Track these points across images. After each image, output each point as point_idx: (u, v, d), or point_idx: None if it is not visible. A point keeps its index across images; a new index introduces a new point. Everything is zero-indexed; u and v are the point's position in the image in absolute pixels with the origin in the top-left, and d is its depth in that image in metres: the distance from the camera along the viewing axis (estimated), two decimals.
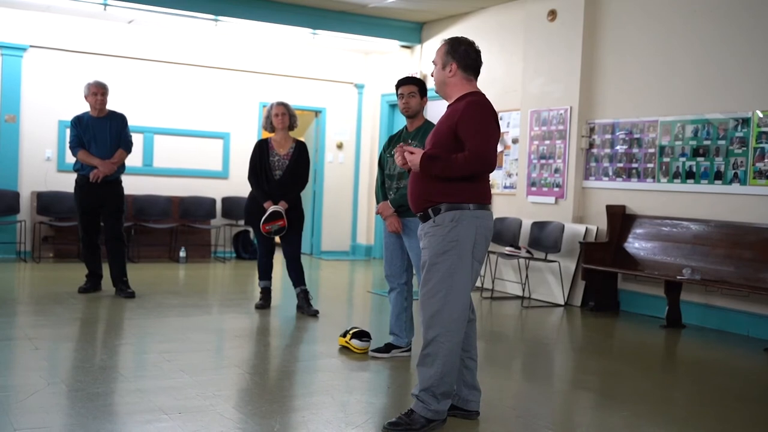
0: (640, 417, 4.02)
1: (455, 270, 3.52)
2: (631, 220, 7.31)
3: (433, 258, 3.54)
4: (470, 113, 3.55)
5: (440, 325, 3.50)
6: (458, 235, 3.52)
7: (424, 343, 3.56)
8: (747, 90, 6.46)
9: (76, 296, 6.74)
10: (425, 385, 3.52)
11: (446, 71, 3.66)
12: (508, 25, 8.87)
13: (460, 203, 3.55)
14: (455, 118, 3.55)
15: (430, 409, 3.52)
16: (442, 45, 3.71)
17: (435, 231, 3.56)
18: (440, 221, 3.55)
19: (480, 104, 3.60)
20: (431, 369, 3.51)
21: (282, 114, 6.36)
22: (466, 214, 3.54)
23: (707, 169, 6.74)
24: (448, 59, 3.65)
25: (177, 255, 9.77)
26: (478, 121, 3.55)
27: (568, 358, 5.66)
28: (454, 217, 3.53)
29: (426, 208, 3.60)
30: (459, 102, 3.63)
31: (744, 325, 6.38)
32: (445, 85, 3.68)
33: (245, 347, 5.32)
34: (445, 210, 3.55)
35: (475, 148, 3.49)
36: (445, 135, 3.58)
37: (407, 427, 3.51)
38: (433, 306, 3.52)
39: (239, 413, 3.70)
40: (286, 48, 10.71)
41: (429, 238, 3.58)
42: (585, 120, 7.82)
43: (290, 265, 6.45)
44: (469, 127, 3.52)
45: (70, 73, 9.32)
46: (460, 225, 3.53)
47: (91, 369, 4.39)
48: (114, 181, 6.79)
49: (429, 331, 3.53)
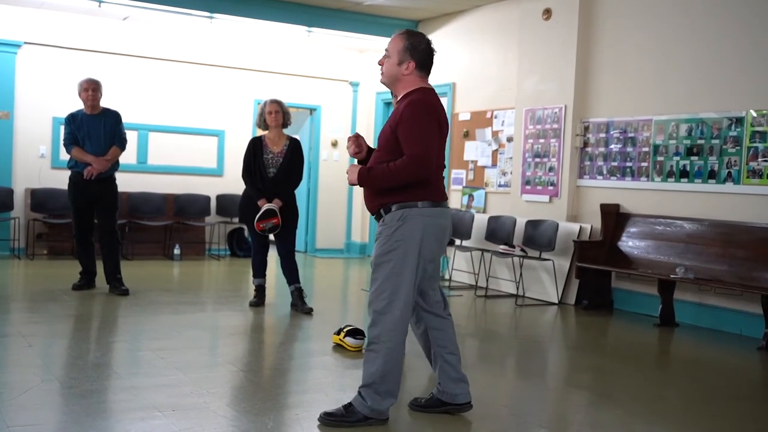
0: (633, 415, 4.04)
1: (400, 270, 3.49)
2: (625, 219, 7.32)
3: (379, 258, 3.53)
4: (407, 115, 3.47)
5: (384, 324, 3.50)
6: (403, 234, 3.49)
7: (368, 341, 3.58)
8: (741, 89, 6.48)
9: (69, 293, 6.73)
10: (367, 381, 3.52)
11: (402, 67, 3.57)
12: (503, 24, 8.88)
13: (407, 202, 3.50)
14: (395, 120, 3.50)
15: (367, 405, 3.51)
16: (400, 39, 3.59)
17: (383, 230, 3.55)
18: (388, 221, 3.53)
19: (418, 103, 3.49)
20: (373, 366, 3.51)
21: (275, 112, 6.35)
22: (413, 212, 3.50)
23: (701, 168, 6.76)
24: (406, 56, 3.56)
25: (171, 252, 9.76)
26: (415, 124, 3.45)
27: (561, 356, 5.67)
28: (401, 216, 3.50)
29: (378, 208, 3.59)
30: (402, 101, 3.57)
31: (737, 324, 6.40)
32: (396, 80, 3.60)
33: (239, 345, 5.32)
34: (394, 209, 3.52)
35: (412, 152, 3.42)
36: (388, 137, 3.53)
37: (342, 419, 3.51)
38: (377, 305, 3.51)
39: (233, 410, 3.70)
40: (281, 45, 10.70)
41: (378, 238, 3.57)
42: (579, 118, 7.83)
43: (284, 262, 6.45)
44: (406, 130, 3.45)
45: (65, 70, 9.30)
46: (406, 224, 3.49)
47: (85, 366, 4.38)
48: (108, 178, 6.78)
49: (373, 329, 3.53)
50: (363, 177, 3.52)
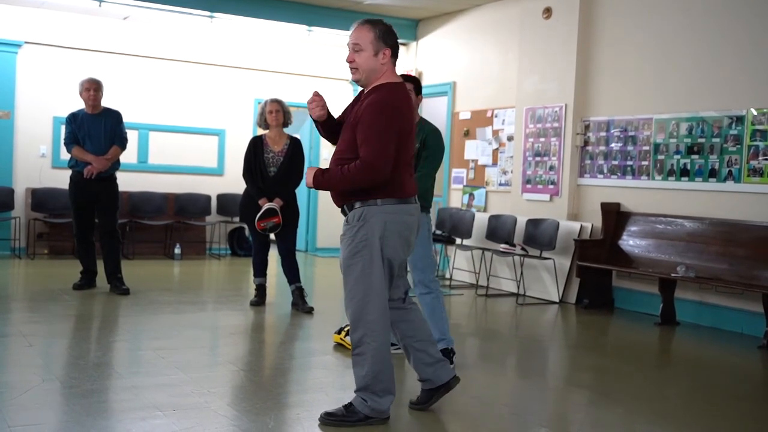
0: (634, 414, 4.04)
1: (369, 271, 3.43)
2: (625, 218, 7.32)
3: (347, 260, 3.47)
4: (366, 117, 3.33)
5: (364, 327, 3.47)
6: (366, 233, 3.41)
7: (353, 345, 3.54)
8: (741, 88, 6.48)
9: (70, 293, 6.73)
10: (361, 384, 3.51)
11: (378, 58, 3.41)
12: (504, 23, 8.88)
13: (368, 199, 3.41)
14: (358, 116, 3.38)
15: (367, 404, 3.50)
16: (367, 29, 3.41)
17: (346, 231, 3.49)
18: (350, 220, 3.47)
19: (380, 105, 3.35)
20: (363, 369, 3.50)
21: (276, 111, 6.35)
22: (373, 210, 3.40)
23: (702, 166, 6.76)
24: (380, 45, 3.41)
25: (172, 252, 9.76)
26: (372, 129, 3.31)
27: (562, 355, 5.67)
28: (361, 215, 3.42)
29: (342, 204, 3.52)
30: (366, 97, 3.42)
31: (738, 323, 6.40)
32: (375, 72, 3.42)
33: (240, 344, 5.32)
34: (356, 207, 3.45)
35: (365, 159, 3.31)
36: (349, 133, 3.42)
37: (343, 419, 3.50)
38: (353, 308, 3.48)
39: (234, 410, 3.70)
40: (282, 45, 10.70)
41: (342, 239, 3.50)
42: (580, 117, 7.83)
43: (285, 261, 6.45)
44: (362, 132, 3.33)
45: (65, 70, 9.30)
46: (367, 223, 3.41)
47: (86, 366, 4.38)
48: (108, 178, 6.78)
49: (355, 333, 3.51)
50: (318, 180, 3.42)
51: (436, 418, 3.74)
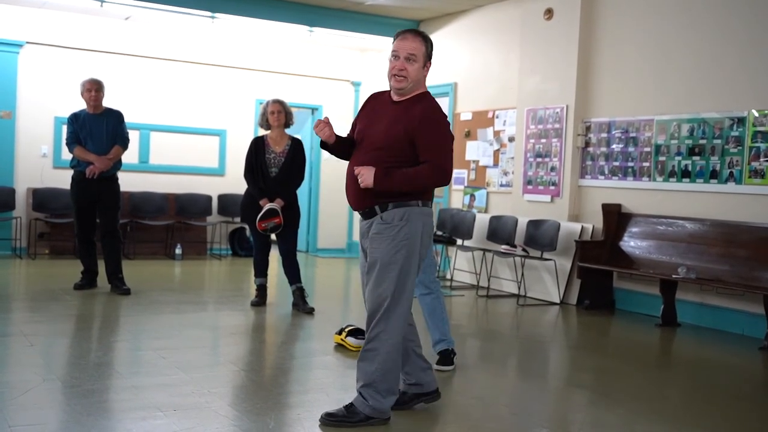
0: (634, 414, 4.03)
1: (407, 269, 3.52)
2: (626, 219, 7.32)
3: (387, 258, 3.50)
4: (431, 124, 3.49)
5: (385, 323, 3.50)
6: (408, 234, 3.50)
7: (367, 339, 3.56)
8: (743, 89, 6.47)
9: (71, 293, 6.73)
10: (367, 380, 3.53)
11: (424, 70, 3.59)
12: (505, 23, 8.88)
13: (407, 201, 3.52)
14: (413, 125, 3.46)
15: (369, 404, 3.52)
16: (421, 42, 3.55)
17: (384, 230, 3.52)
18: (389, 219, 3.52)
19: (439, 114, 3.55)
20: (372, 365, 3.52)
21: (278, 112, 6.36)
22: (415, 211, 3.52)
23: (703, 168, 6.75)
24: (427, 59, 3.59)
25: (173, 252, 9.76)
26: (440, 133, 3.51)
27: (563, 356, 5.67)
28: (403, 216, 3.50)
29: (372, 204, 3.56)
30: (415, 104, 3.54)
31: (739, 324, 6.40)
32: (419, 82, 3.58)
33: (241, 344, 5.32)
34: (392, 207, 3.51)
35: (441, 164, 3.47)
36: (400, 139, 3.49)
37: (344, 419, 3.51)
38: (381, 304, 3.51)
39: (234, 410, 3.70)
40: (283, 45, 10.70)
41: (377, 238, 3.54)
42: (581, 118, 7.83)
43: (286, 262, 6.45)
44: (431, 139, 3.46)
45: (67, 70, 9.31)
46: (409, 224, 3.50)
47: (87, 366, 4.39)
48: (110, 178, 6.79)
49: (373, 329, 3.53)
50: (379, 179, 3.46)
51: (437, 419, 3.74)
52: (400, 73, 3.51)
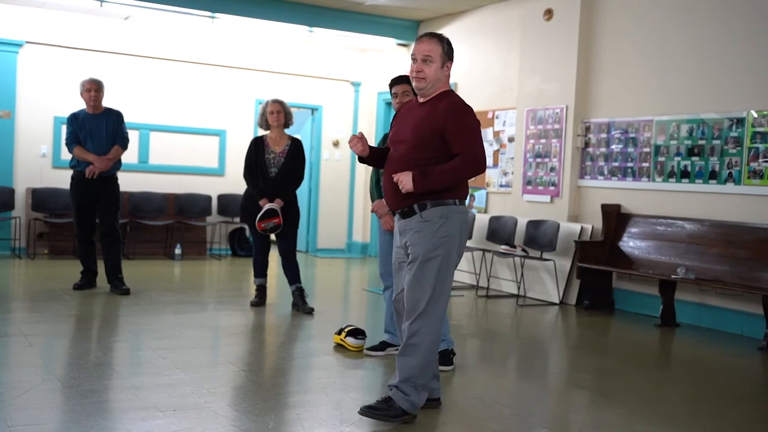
0: (634, 415, 4.04)
1: (447, 267, 3.59)
2: (626, 219, 7.32)
3: (426, 254, 3.56)
4: (459, 116, 3.58)
5: (425, 318, 3.57)
6: (447, 231, 3.57)
7: (408, 335, 3.60)
8: (742, 90, 6.48)
9: (70, 293, 6.73)
10: (406, 375, 3.57)
11: (444, 70, 3.68)
12: (505, 24, 8.88)
13: (445, 200, 3.59)
14: (439, 120, 3.55)
15: (408, 399, 3.56)
16: (437, 43, 3.68)
17: (423, 227, 3.58)
18: (429, 217, 3.58)
19: (464, 105, 3.65)
20: (413, 359, 3.57)
21: (277, 112, 6.36)
22: (453, 210, 3.60)
23: (702, 168, 6.76)
24: (445, 59, 3.69)
25: (172, 252, 9.76)
26: (467, 123, 3.59)
27: (563, 356, 5.67)
28: (442, 214, 3.57)
29: (410, 204, 3.61)
30: (438, 101, 3.64)
31: (738, 324, 6.40)
32: (438, 82, 3.67)
33: (240, 344, 5.32)
34: (431, 206, 3.58)
35: (473, 152, 3.55)
36: (429, 136, 3.57)
37: (385, 413, 3.56)
38: (421, 300, 3.56)
39: (234, 410, 3.71)
40: (283, 45, 10.70)
41: (417, 235, 3.59)
42: (581, 119, 7.83)
43: (286, 262, 6.45)
44: (460, 130, 3.55)
45: (66, 70, 9.31)
46: (448, 222, 3.58)
47: (86, 366, 4.39)
48: (110, 178, 6.79)
49: (414, 324, 3.58)
50: (419, 182, 3.50)
51: (436, 419, 3.74)
52: (418, 75, 3.63)
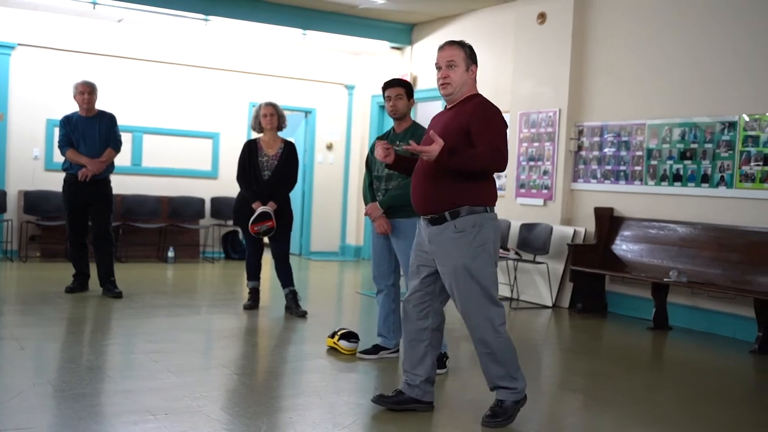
0: (627, 418, 4.05)
1: (488, 273, 3.64)
2: (618, 223, 7.34)
3: (467, 266, 3.59)
4: (483, 113, 3.64)
5: (489, 324, 3.64)
6: (483, 239, 3.61)
7: (480, 347, 3.68)
8: (734, 94, 6.50)
9: (62, 296, 6.71)
10: (501, 373, 3.69)
11: (469, 73, 3.73)
12: (499, 28, 8.89)
13: (478, 206, 3.62)
14: (465, 118, 3.61)
15: (514, 391, 3.70)
16: (459, 48, 3.72)
17: (459, 237, 3.60)
18: (462, 227, 3.60)
19: (490, 104, 3.70)
20: (495, 365, 3.68)
21: (270, 114, 6.35)
22: (485, 217, 3.65)
23: (694, 172, 6.78)
24: (470, 62, 3.73)
25: (165, 255, 9.74)
26: (492, 120, 3.64)
27: (556, 359, 5.67)
28: (476, 222, 3.61)
29: (441, 210, 3.63)
30: (466, 103, 3.70)
31: (730, 327, 6.42)
32: (465, 85, 3.72)
33: (233, 348, 5.31)
34: (465, 213, 3.60)
35: (494, 142, 3.57)
36: (456, 134, 3.60)
37: (505, 417, 3.69)
38: (475, 311, 3.63)
39: (227, 414, 3.70)
40: (276, 48, 10.70)
41: (452, 244, 3.61)
42: (574, 122, 7.85)
43: (279, 265, 6.45)
44: (485, 127, 3.60)
45: (59, 72, 9.28)
46: (483, 229, 3.62)
47: (78, 369, 4.37)
48: (102, 181, 6.77)
49: (484, 334, 3.65)
50: (443, 157, 3.48)
51: (429, 422, 3.74)
52: (444, 81, 3.70)
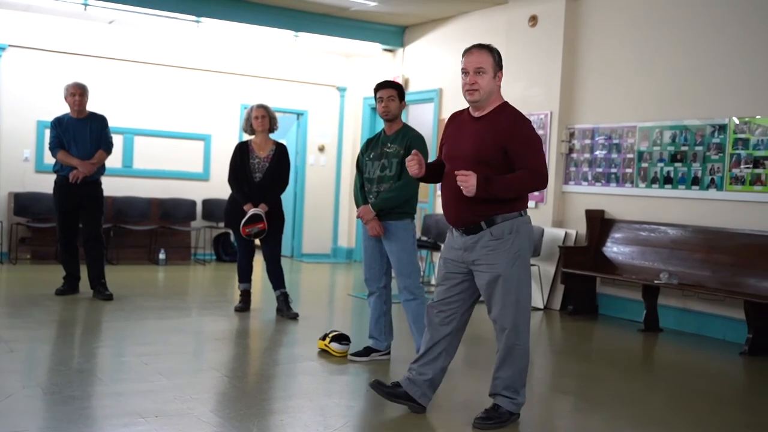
0: (618, 419, 4.06)
1: (525, 279, 3.67)
2: (609, 225, 7.36)
3: (505, 273, 3.60)
4: (523, 131, 3.59)
5: (515, 332, 3.68)
6: (520, 245, 3.64)
7: (503, 349, 3.71)
8: (724, 97, 6.53)
9: (53, 298, 6.68)
10: (507, 384, 3.74)
11: (496, 80, 3.66)
12: (490, 30, 8.89)
13: (511, 212, 3.62)
14: (502, 134, 3.56)
15: (514, 402, 3.75)
16: (487, 53, 3.65)
17: (497, 245, 3.61)
18: (498, 234, 3.61)
19: (525, 119, 3.66)
20: (509, 370, 3.72)
21: (262, 116, 6.35)
22: (520, 222, 3.67)
23: (684, 174, 6.81)
24: (497, 69, 3.66)
25: (156, 257, 9.71)
26: (531, 139, 3.61)
27: (547, 361, 5.68)
28: (512, 228, 3.62)
29: (477, 220, 3.62)
30: (498, 115, 3.63)
31: (720, 329, 6.45)
32: (492, 92, 3.66)
33: (224, 350, 5.30)
34: (500, 221, 3.61)
35: (537, 167, 3.57)
36: (492, 151, 3.57)
37: (498, 421, 3.71)
38: (509, 317, 3.65)
39: (217, 417, 3.69)
40: (268, 50, 10.69)
41: (491, 254, 3.61)
42: (565, 125, 7.87)
43: (270, 267, 6.44)
44: (525, 146, 3.57)
45: (50, 74, 9.25)
46: (519, 235, 3.63)
47: (68, 372, 4.35)
48: (93, 182, 6.75)
49: (506, 340, 3.68)
50: (482, 187, 3.47)
51: (420, 424, 3.74)
52: (472, 87, 3.63)
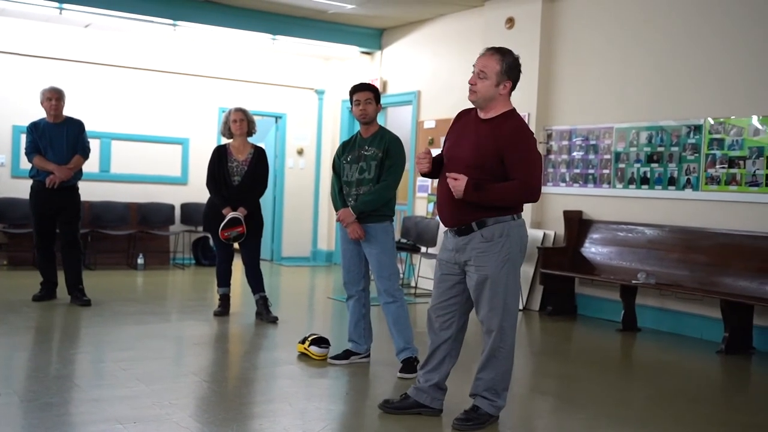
0: (597, 419, 4.09)
1: (513, 282, 3.67)
2: (587, 226, 7.41)
3: (494, 275, 3.61)
4: (520, 142, 3.56)
5: (501, 337, 3.68)
6: (510, 248, 3.63)
7: (488, 350, 3.72)
8: (699, 98, 6.61)
9: (30, 304, 6.62)
10: (488, 385, 3.74)
11: (499, 88, 3.60)
12: (467, 32, 8.95)
13: (504, 216, 3.62)
14: (502, 142, 3.54)
15: (494, 404, 3.76)
16: (496, 61, 3.58)
17: (487, 248, 3.62)
18: (489, 236, 3.62)
19: (527, 131, 3.62)
20: (492, 372, 3.73)
21: (240, 120, 6.34)
22: (512, 225, 3.66)
23: (661, 174, 6.87)
24: (503, 77, 3.59)
25: (135, 262, 9.65)
26: (530, 153, 3.58)
27: (526, 362, 5.70)
28: (502, 231, 3.62)
29: (469, 222, 3.64)
30: (503, 122, 3.61)
31: (697, 328, 6.51)
32: (491, 100, 3.62)
33: (203, 355, 5.28)
34: (492, 223, 3.61)
35: (528, 180, 3.55)
36: (490, 158, 3.56)
37: (477, 422, 3.71)
38: (495, 318, 3.66)
39: (196, 422, 3.67)
40: (246, 53, 10.66)
41: (481, 256, 3.62)
42: (543, 126, 7.92)
43: (249, 271, 6.42)
44: (521, 158, 3.54)
45: (25, 78, 9.16)
46: (510, 239, 3.63)
47: (45, 378, 4.32)
48: (70, 187, 6.70)
49: (492, 342, 3.69)
50: (469, 192, 3.51)
51: (399, 425, 3.75)
52: (471, 87, 3.65)
